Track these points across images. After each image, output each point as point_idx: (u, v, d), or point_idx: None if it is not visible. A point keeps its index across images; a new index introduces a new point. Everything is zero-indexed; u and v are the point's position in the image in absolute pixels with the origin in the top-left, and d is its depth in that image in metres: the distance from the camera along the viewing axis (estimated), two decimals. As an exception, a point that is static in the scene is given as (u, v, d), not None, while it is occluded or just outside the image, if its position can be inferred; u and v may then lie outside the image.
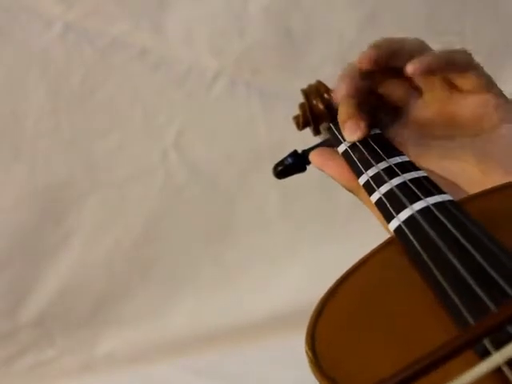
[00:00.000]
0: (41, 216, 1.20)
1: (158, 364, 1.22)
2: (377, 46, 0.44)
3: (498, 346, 0.27)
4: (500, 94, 0.45)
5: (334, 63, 1.18)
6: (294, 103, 0.58)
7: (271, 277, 1.25)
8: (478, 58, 0.45)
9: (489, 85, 0.45)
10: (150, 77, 1.17)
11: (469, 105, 0.45)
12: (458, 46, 0.46)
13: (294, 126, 0.60)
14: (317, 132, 0.58)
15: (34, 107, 1.16)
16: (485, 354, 0.27)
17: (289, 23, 1.17)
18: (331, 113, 0.54)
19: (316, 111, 0.56)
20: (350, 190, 0.49)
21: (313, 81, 0.59)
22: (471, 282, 0.31)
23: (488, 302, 0.29)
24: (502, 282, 0.30)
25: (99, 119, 1.18)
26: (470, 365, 0.26)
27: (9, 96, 1.16)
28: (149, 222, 1.23)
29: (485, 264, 0.31)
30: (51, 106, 1.17)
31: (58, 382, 1.24)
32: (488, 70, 1.30)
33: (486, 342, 0.27)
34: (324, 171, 0.50)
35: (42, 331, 1.24)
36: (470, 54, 0.45)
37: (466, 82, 0.44)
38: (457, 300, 0.30)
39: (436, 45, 0.48)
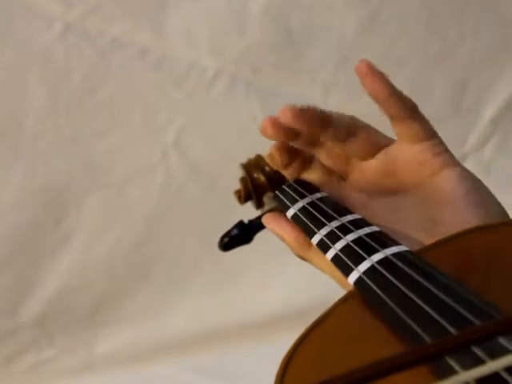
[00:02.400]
0: (41, 216, 1.20)
1: (158, 364, 1.22)
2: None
3: (468, 367, 0.27)
4: (438, 143, 0.46)
5: (333, 63, 1.18)
6: (293, 103, 0.58)
7: (271, 277, 1.25)
8: (477, 58, 0.46)
9: (428, 133, 0.46)
10: (150, 77, 1.17)
11: (408, 153, 0.46)
12: (457, 46, 0.46)
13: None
14: (259, 205, 0.59)
15: (34, 107, 1.16)
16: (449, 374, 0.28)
17: (289, 23, 1.17)
18: (273, 183, 0.56)
19: (258, 183, 0.58)
20: (300, 256, 0.50)
21: (312, 81, 0.60)
22: (439, 318, 0.32)
23: (451, 329, 0.31)
24: (464, 313, 0.31)
25: (99, 119, 1.18)
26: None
27: (9, 96, 1.16)
28: (149, 222, 1.23)
29: (449, 301, 0.32)
30: (51, 106, 1.17)
31: (58, 382, 1.24)
32: (488, 70, 1.29)
33: (456, 366, 0.28)
34: (277, 234, 0.51)
35: (41, 331, 1.24)
36: (414, 104, 0.46)
37: (404, 128, 0.46)
38: (425, 336, 0.31)
39: (436, 45, 0.48)
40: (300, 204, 0.49)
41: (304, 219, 0.47)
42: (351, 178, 0.50)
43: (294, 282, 1.24)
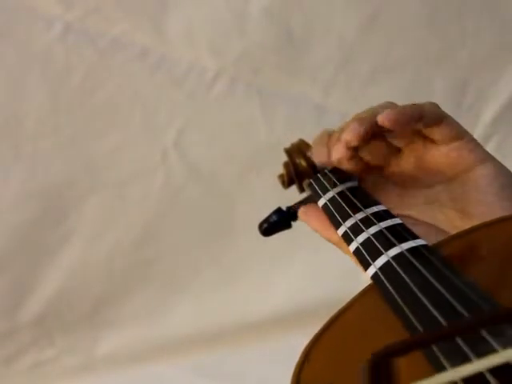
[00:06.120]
0: (41, 216, 1.20)
1: (157, 364, 1.22)
2: (361, 120, 0.45)
3: (455, 364, 0.28)
4: (471, 139, 0.47)
5: (334, 64, 1.18)
6: (293, 103, 0.59)
7: (271, 277, 1.25)
8: (478, 58, 0.46)
9: (460, 133, 0.46)
10: (150, 77, 1.17)
11: (443, 153, 0.47)
12: (457, 47, 0.46)
13: (293, 126, 0.60)
14: (302, 189, 0.60)
15: (34, 107, 1.17)
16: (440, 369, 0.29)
17: (289, 23, 1.17)
18: (315, 170, 0.57)
19: (300, 169, 0.58)
20: (334, 244, 0.51)
21: (312, 82, 0.61)
22: (441, 320, 0.32)
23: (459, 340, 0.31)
24: (464, 311, 0.32)
25: (99, 119, 1.18)
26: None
27: (9, 96, 1.16)
28: (149, 222, 1.23)
29: (454, 302, 0.33)
30: (51, 106, 1.17)
31: (58, 382, 1.24)
32: (488, 70, 1.30)
33: (445, 361, 0.29)
34: (308, 224, 0.53)
35: (41, 331, 1.24)
36: (438, 107, 0.46)
37: (438, 133, 0.46)
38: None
39: (436, 45, 0.48)
40: (330, 194, 0.50)
41: (332, 210, 0.49)
42: (387, 170, 0.51)
43: (295, 283, 1.24)
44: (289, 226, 0.57)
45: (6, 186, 1.19)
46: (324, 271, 1.21)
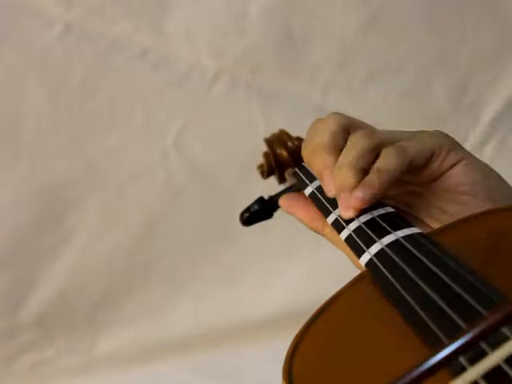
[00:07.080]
0: (41, 216, 1.20)
1: (157, 364, 1.22)
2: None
3: (473, 361, 0.27)
4: (442, 147, 0.46)
5: (333, 64, 1.18)
6: (293, 103, 0.59)
7: (271, 277, 1.25)
8: (478, 58, 0.46)
9: (428, 155, 0.45)
10: (150, 77, 1.17)
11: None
12: (457, 47, 0.46)
13: (293, 126, 0.60)
14: (282, 180, 0.60)
15: (33, 107, 1.17)
16: (460, 372, 0.28)
17: (289, 23, 1.17)
18: (295, 159, 0.56)
19: (280, 159, 0.58)
20: (316, 231, 0.51)
21: (312, 81, 0.60)
22: (444, 305, 0.32)
23: (459, 321, 0.30)
24: (472, 302, 0.31)
25: (99, 119, 1.18)
26: None
27: (9, 96, 1.16)
28: (149, 222, 1.23)
29: (457, 288, 0.32)
30: (51, 106, 1.17)
31: (58, 382, 1.24)
32: (488, 70, 1.29)
33: (462, 359, 0.28)
34: (292, 215, 0.53)
35: (41, 331, 1.24)
36: (400, 146, 0.45)
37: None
38: (431, 324, 0.31)
39: (436, 45, 0.48)
40: (317, 182, 0.49)
41: (320, 198, 0.48)
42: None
43: (294, 283, 1.24)
44: (270, 216, 0.57)
45: (5, 186, 1.19)
46: (324, 272, 1.21)
